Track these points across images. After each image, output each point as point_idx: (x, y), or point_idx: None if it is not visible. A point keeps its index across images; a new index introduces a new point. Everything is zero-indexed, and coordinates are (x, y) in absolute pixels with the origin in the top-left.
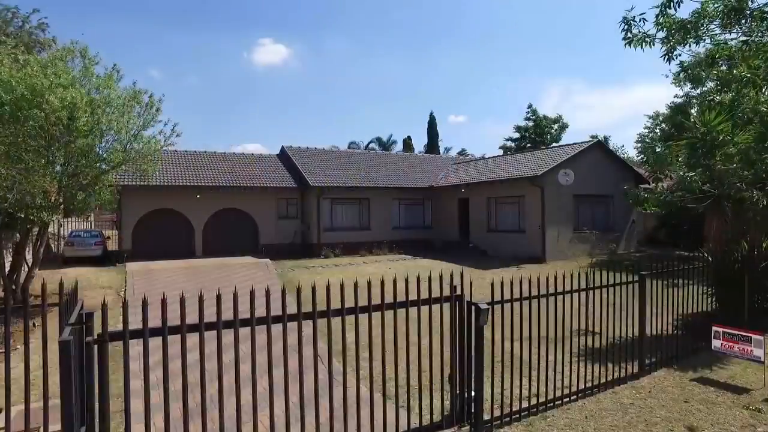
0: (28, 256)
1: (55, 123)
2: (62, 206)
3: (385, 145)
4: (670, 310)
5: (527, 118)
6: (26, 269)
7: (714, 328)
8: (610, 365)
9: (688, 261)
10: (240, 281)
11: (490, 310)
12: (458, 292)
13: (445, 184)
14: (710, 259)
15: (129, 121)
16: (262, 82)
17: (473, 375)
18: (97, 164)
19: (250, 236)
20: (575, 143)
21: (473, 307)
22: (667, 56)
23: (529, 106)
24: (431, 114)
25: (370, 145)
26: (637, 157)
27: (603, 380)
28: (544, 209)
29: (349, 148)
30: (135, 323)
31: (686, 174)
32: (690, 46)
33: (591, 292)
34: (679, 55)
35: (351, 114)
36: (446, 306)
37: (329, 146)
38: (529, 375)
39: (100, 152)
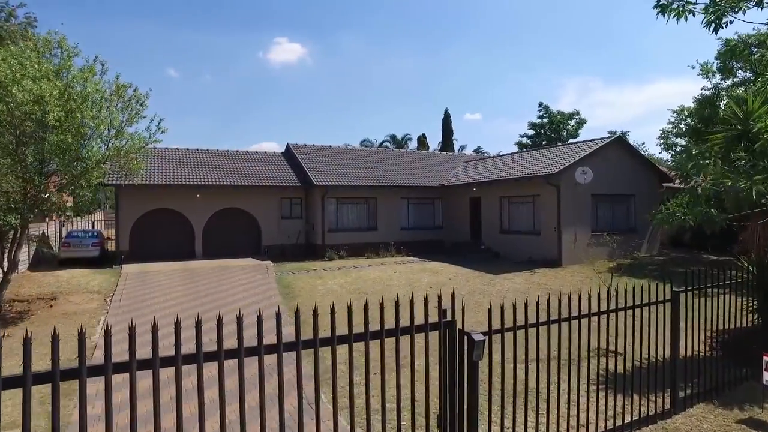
0: (5, 262)
1: (25, 118)
2: (36, 208)
3: (400, 143)
4: (703, 325)
5: (540, 116)
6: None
7: (766, 359)
8: (635, 396)
9: (720, 267)
10: (235, 286)
11: (488, 340)
12: (448, 317)
13: (456, 183)
14: (752, 268)
15: (111, 116)
16: (278, 81)
17: (465, 417)
18: (75, 162)
19: (253, 237)
20: (593, 139)
21: (466, 338)
22: (713, 25)
23: (540, 104)
24: (446, 111)
25: (384, 143)
26: (668, 155)
27: (628, 418)
28: (560, 209)
29: (361, 146)
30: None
31: (742, 185)
32: (744, 12)
33: (614, 314)
34: (731, 22)
35: (366, 112)
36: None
37: (343, 144)
38: (537, 407)
39: (80, 150)
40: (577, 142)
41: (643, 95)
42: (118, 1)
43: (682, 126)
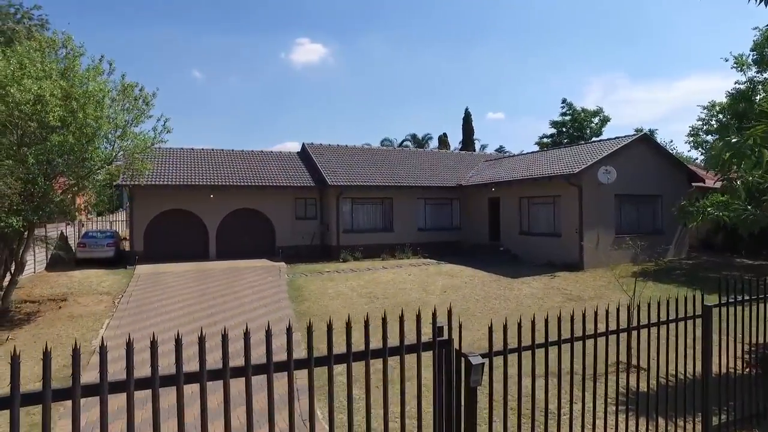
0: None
1: (28, 118)
2: (40, 210)
3: (420, 142)
4: (739, 337)
5: (563, 114)
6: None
7: None
8: (660, 420)
9: (756, 272)
10: (245, 288)
11: (489, 362)
12: (445, 334)
13: (474, 183)
14: None
15: (116, 116)
16: (301, 81)
17: None
18: (79, 163)
19: (267, 238)
20: (617, 137)
21: (463, 360)
22: None
23: (564, 101)
24: (466, 110)
25: (405, 143)
26: (698, 153)
27: None
28: (582, 210)
29: (382, 145)
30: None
31: None
32: None
33: (637, 331)
34: None
35: (388, 112)
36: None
37: (362, 144)
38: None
39: (84, 150)
40: (600, 141)
41: (672, 92)
42: (143, 7)
43: (713, 122)
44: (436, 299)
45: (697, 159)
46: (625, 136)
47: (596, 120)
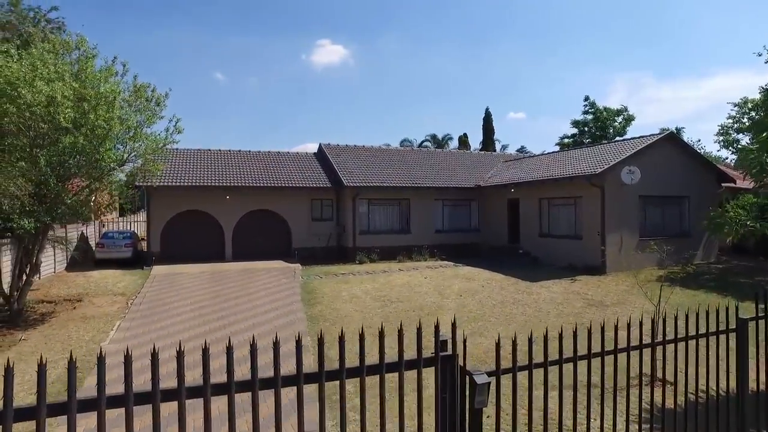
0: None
1: (40, 119)
2: (54, 212)
3: (440, 142)
4: None
5: (585, 112)
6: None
7: None
8: None
9: None
10: (258, 290)
11: (497, 381)
12: (449, 349)
13: (493, 184)
14: None
15: (128, 117)
16: (321, 82)
17: None
18: (95, 164)
19: (283, 239)
20: (642, 136)
21: (468, 378)
22: None
23: (586, 99)
24: (486, 110)
25: (424, 143)
26: (728, 152)
27: None
28: (605, 212)
29: (401, 146)
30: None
31: None
32: None
33: (663, 346)
34: None
35: (408, 113)
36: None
37: (382, 145)
38: None
39: (95, 152)
40: (624, 140)
41: (700, 90)
42: (166, 10)
43: (745, 120)
44: (452, 303)
45: (727, 158)
46: (649, 135)
47: (620, 119)
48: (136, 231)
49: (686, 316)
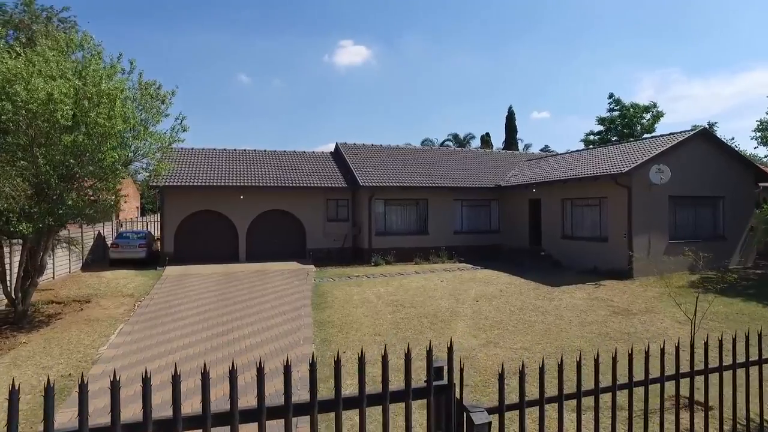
0: (35, 265)
1: (33, 117)
2: (54, 214)
3: (462, 142)
4: None
5: (610, 110)
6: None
7: None
8: None
9: None
10: (268, 293)
11: (500, 418)
12: (444, 378)
13: (514, 183)
14: None
15: (131, 116)
16: (344, 83)
17: None
18: (99, 164)
19: (298, 240)
20: (672, 133)
21: (465, 415)
22: None
23: (611, 96)
24: (509, 108)
25: (446, 143)
26: (766, 149)
27: None
28: (632, 213)
29: (422, 145)
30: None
31: None
32: None
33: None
34: None
35: (430, 112)
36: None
37: (403, 144)
38: None
39: (96, 151)
40: (652, 137)
41: (734, 86)
42: (190, 14)
43: None
44: (467, 309)
45: (766, 156)
46: (681, 132)
47: (648, 116)
48: (151, 231)
49: (733, 339)
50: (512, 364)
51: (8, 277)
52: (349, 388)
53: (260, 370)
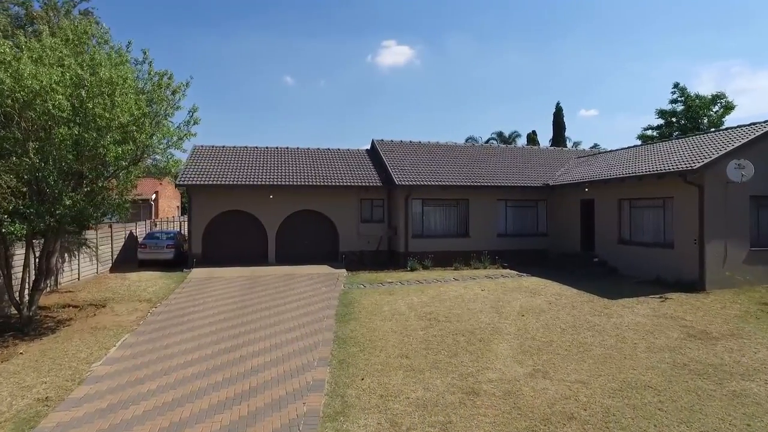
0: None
1: (26, 107)
2: (52, 215)
3: (507, 140)
4: None
5: (673, 101)
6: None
7: None
8: None
9: None
10: (291, 301)
11: None
12: None
13: (564, 182)
14: None
15: (140, 107)
16: (387, 82)
17: None
18: (102, 159)
19: (330, 242)
20: (753, 124)
21: None
22: None
23: (676, 85)
24: (557, 105)
25: (490, 141)
26: None
27: None
28: (704, 216)
29: (465, 143)
30: None
31: None
32: None
33: None
34: None
35: (474, 111)
36: None
37: (446, 142)
38: None
39: (97, 145)
40: (727, 129)
41: None
42: (236, 17)
43: None
44: (510, 326)
45: None
46: (763, 122)
47: (716, 108)
48: (182, 231)
49: None
50: (566, 405)
51: (15, 281)
52: (362, 431)
53: None
